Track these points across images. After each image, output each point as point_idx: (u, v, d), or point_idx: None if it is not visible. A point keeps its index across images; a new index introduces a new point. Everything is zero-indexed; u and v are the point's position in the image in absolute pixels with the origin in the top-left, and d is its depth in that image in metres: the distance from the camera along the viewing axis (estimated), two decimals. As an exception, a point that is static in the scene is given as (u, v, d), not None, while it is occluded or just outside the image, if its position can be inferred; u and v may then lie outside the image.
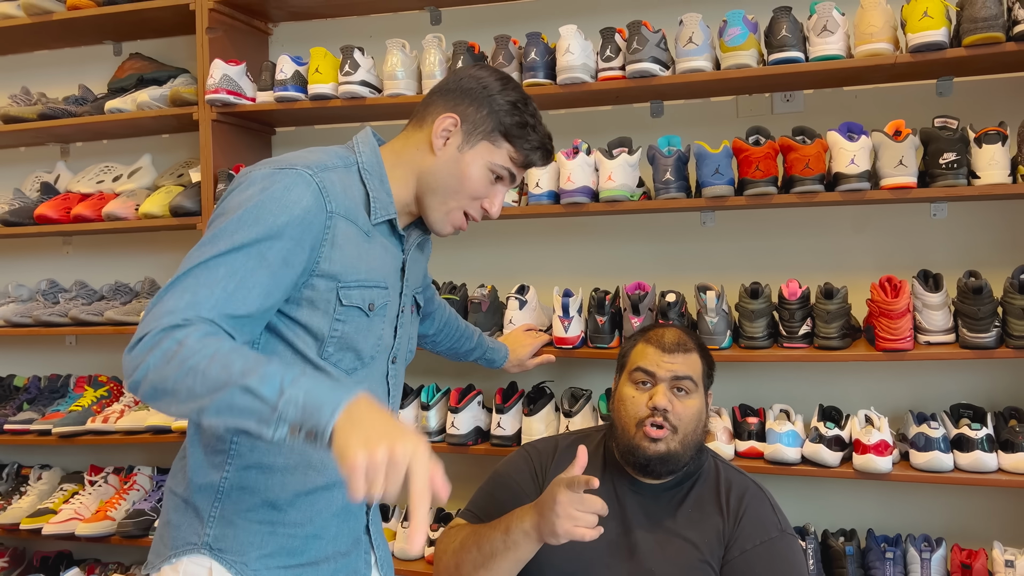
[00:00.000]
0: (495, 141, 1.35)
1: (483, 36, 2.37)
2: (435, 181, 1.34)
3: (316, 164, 1.24)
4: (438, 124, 1.33)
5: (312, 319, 1.24)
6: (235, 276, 1.12)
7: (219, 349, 1.03)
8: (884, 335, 1.95)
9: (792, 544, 1.58)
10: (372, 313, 1.30)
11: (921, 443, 1.95)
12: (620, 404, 1.64)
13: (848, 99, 2.29)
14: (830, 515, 2.26)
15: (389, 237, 1.36)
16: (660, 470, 1.59)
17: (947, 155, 1.91)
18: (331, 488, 1.31)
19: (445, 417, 2.30)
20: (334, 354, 1.27)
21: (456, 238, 2.57)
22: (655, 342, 1.64)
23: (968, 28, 1.88)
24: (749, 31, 2.04)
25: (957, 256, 2.18)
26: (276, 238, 1.15)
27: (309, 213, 1.19)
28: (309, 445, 1.00)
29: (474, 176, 1.34)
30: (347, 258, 1.25)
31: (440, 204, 1.35)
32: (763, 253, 2.34)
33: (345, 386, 1.04)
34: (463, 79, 1.37)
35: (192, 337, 1.04)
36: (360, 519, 1.41)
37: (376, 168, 1.33)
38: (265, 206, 1.16)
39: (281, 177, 1.20)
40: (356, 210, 1.28)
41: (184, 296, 1.09)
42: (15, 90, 2.86)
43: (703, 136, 2.15)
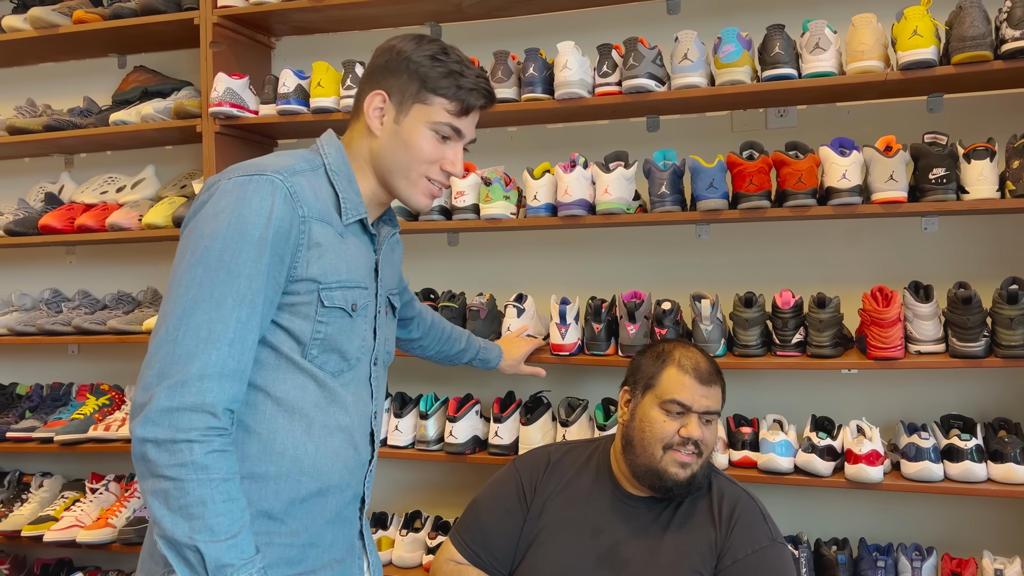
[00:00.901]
0: (425, 100, 1.32)
1: (482, 51, 2.41)
2: (386, 160, 1.34)
3: (285, 169, 1.24)
4: (367, 105, 1.33)
5: (294, 323, 1.25)
6: (238, 326, 1.16)
7: (211, 487, 1.12)
8: (876, 344, 1.98)
9: (783, 553, 1.60)
10: (355, 314, 1.31)
11: (912, 453, 1.98)
12: (647, 426, 1.63)
13: (840, 115, 2.33)
14: (823, 524, 2.29)
15: (361, 236, 1.36)
16: (682, 494, 1.62)
17: (937, 170, 1.95)
18: (324, 494, 1.30)
19: (443, 426, 2.33)
20: (318, 356, 1.27)
21: (455, 249, 2.62)
22: (692, 372, 1.63)
23: (957, 47, 1.92)
24: (743, 48, 2.08)
25: (947, 269, 2.22)
26: (259, 255, 1.17)
27: (283, 220, 1.20)
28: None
29: (418, 142, 1.32)
30: (326, 260, 1.26)
31: (402, 179, 1.35)
32: (757, 265, 2.38)
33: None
34: (378, 56, 1.36)
35: (201, 455, 1.12)
36: (354, 525, 1.41)
37: (343, 168, 1.34)
38: (243, 219, 1.17)
39: (253, 185, 1.20)
40: (328, 212, 1.28)
41: (198, 360, 1.13)
42: (21, 102, 2.90)
43: (698, 150, 2.19)
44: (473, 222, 2.31)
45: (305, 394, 1.26)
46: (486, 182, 2.28)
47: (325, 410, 1.28)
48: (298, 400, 1.26)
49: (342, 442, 1.31)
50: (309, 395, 1.27)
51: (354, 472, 1.35)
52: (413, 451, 2.35)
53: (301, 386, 1.26)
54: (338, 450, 1.31)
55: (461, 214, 2.30)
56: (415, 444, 2.35)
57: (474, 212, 2.30)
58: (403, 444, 2.35)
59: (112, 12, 2.63)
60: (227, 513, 1.12)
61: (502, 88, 2.26)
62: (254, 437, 1.24)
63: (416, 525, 2.43)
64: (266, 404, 1.24)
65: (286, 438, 1.25)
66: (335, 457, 1.30)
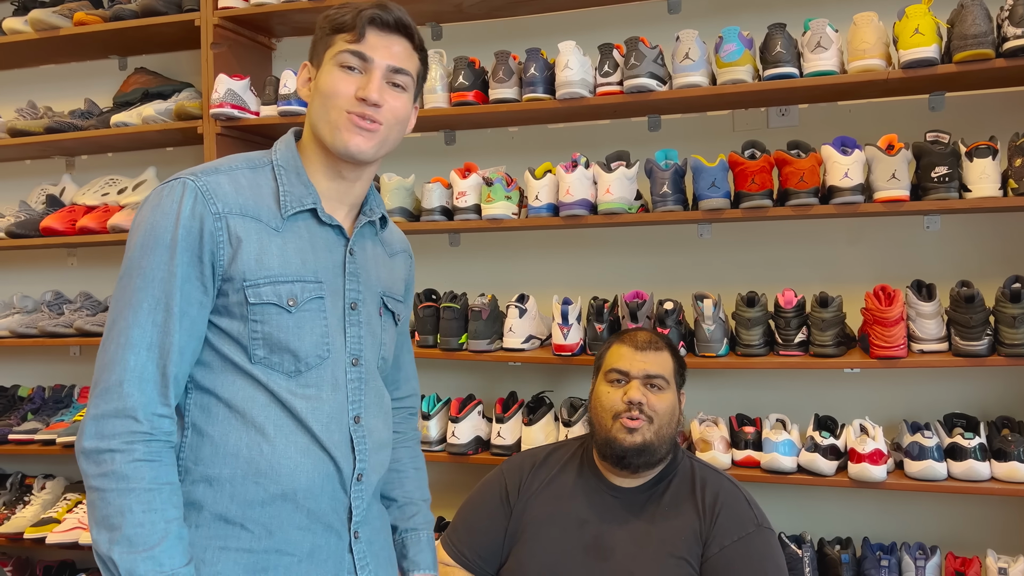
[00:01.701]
0: (329, 43, 1.27)
1: (483, 52, 2.41)
2: (313, 115, 1.28)
3: (203, 169, 1.24)
4: (299, 79, 1.33)
5: (232, 325, 1.21)
6: (155, 330, 1.15)
7: (131, 497, 1.12)
8: (878, 343, 1.98)
9: (769, 538, 1.63)
10: (296, 308, 1.23)
11: (915, 452, 1.98)
12: (596, 401, 1.72)
13: (842, 113, 2.33)
14: (826, 523, 2.29)
15: (316, 229, 1.29)
16: (637, 462, 1.64)
17: (939, 169, 1.95)
18: (290, 498, 1.22)
19: (446, 427, 2.33)
20: (266, 357, 1.21)
21: (456, 249, 2.62)
22: (628, 342, 1.73)
23: (958, 45, 1.92)
24: (744, 47, 2.08)
25: (950, 267, 2.22)
26: (171, 257, 1.17)
27: (192, 220, 1.18)
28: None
29: (327, 80, 1.26)
30: (249, 256, 1.21)
31: (324, 124, 1.26)
32: (759, 264, 2.38)
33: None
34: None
35: (121, 464, 1.12)
36: (341, 536, 1.28)
37: (291, 162, 1.29)
38: (154, 224, 1.18)
39: (166, 191, 1.20)
40: (256, 206, 1.23)
41: (118, 366, 1.14)
42: (22, 104, 2.90)
43: (699, 150, 2.19)
44: (475, 222, 2.31)
45: (255, 397, 1.21)
46: (488, 182, 2.28)
47: (278, 414, 1.22)
48: (247, 403, 1.21)
49: (308, 445, 1.23)
50: (259, 399, 1.21)
51: (328, 479, 1.25)
52: (415, 452, 2.35)
53: (250, 388, 1.21)
54: (304, 451, 1.23)
55: (463, 214, 2.30)
56: (417, 445, 2.35)
57: (476, 212, 2.30)
58: (405, 445, 2.35)
59: (113, 14, 2.63)
60: (146, 524, 1.11)
61: (503, 88, 2.26)
62: (207, 440, 1.21)
63: (419, 526, 2.42)
64: (217, 407, 1.21)
65: (239, 439, 1.20)
66: (301, 458, 1.22)
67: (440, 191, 2.35)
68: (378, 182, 2.41)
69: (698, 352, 2.13)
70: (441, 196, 2.35)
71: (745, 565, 1.57)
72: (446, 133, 2.64)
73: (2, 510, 2.76)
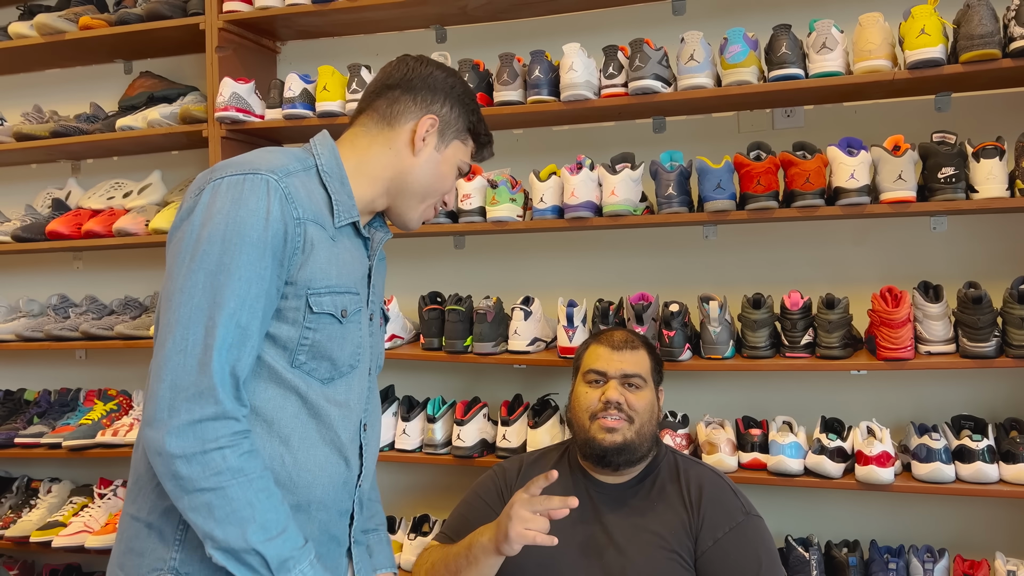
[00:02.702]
0: (464, 140, 1.38)
1: (488, 54, 2.41)
2: (415, 182, 1.34)
3: (280, 169, 1.21)
4: (421, 127, 1.32)
5: (280, 329, 1.20)
6: (239, 331, 1.13)
7: (253, 487, 1.13)
8: (885, 344, 1.97)
9: (759, 525, 1.64)
10: (345, 320, 1.26)
11: (923, 454, 1.97)
12: (575, 402, 1.74)
13: (848, 114, 2.32)
14: (833, 526, 2.28)
15: (353, 240, 1.33)
16: (618, 460, 1.66)
17: (946, 169, 1.94)
18: (305, 509, 1.24)
19: (451, 429, 2.33)
20: (307, 363, 1.23)
21: (461, 252, 2.62)
22: (605, 342, 1.75)
23: (965, 45, 1.91)
24: (749, 48, 2.08)
25: (957, 268, 2.21)
26: (260, 258, 1.15)
27: (280, 222, 1.17)
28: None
29: (448, 174, 1.37)
30: (318, 264, 1.22)
31: (417, 204, 1.36)
32: (765, 266, 2.37)
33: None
34: (428, 78, 1.35)
35: (235, 459, 1.12)
36: (342, 542, 1.34)
37: (336, 170, 1.30)
38: (240, 220, 1.14)
39: (248, 185, 1.16)
40: (321, 214, 1.25)
41: (210, 368, 1.11)
42: (28, 108, 2.91)
43: (705, 151, 2.18)
44: (479, 225, 2.31)
45: (285, 406, 1.21)
46: (492, 184, 2.27)
47: (306, 423, 1.23)
48: (276, 412, 1.21)
49: (328, 456, 1.26)
50: (289, 407, 1.22)
51: (341, 488, 1.29)
52: (421, 455, 2.35)
53: (281, 397, 1.21)
54: (323, 464, 1.25)
55: (467, 217, 2.30)
56: (423, 448, 2.35)
57: (480, 215, 2.30)
58: (411, 448, 2.35)
59: (118, 18, 2.64)
60: (273, 509, 1.13)
61: (508, 90, 2.26)
62: None
63: (424, 529, 2.42)
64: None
65: (261, 448, 1.19)
66: (319, 471, 1.25)
67: (445, 194, 2.34)
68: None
69: (704, 354, 2.12)
70: (446, 199, 2.35)
71: (740, 554, 1.59)
72: (451, 136, 2.63)
73: (8, 514, 2.76)
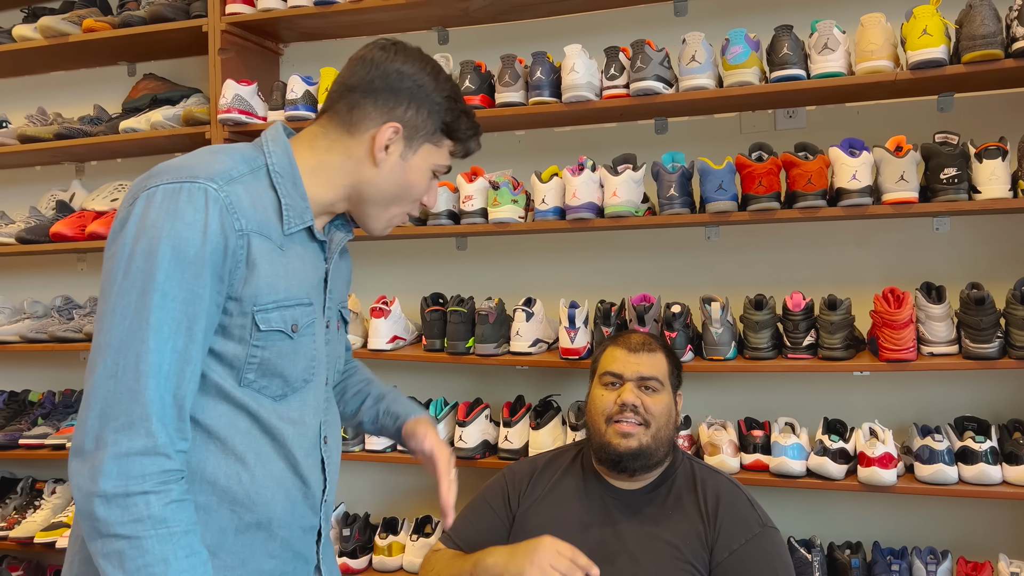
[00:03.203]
0: (437, 141, 1.25)
1: (489, 55, 2.41)
2: (377, 192, 1.23)
3: (220, 175, 1.10)
4: (380, 137, 1.20)
5: (226, 347, 1.12)
6: (174, 356, 1.05)
7: (173, 542, 1.02)
8: (888, 345, 1.97)
9: (775, 537, 1.62)
10: (297, 335, 1.17)
11: (926, 456, 1.96)
12: (591, 404, 1.71)
13: (850, 115, 2.32)
14: (836, 528, 2.27)
15: (307, 245, 1.22)
16: (633, 466, 1.63)
17: (948, 170, 1.94)
18: (265, 527, 1.17)
19: (453, 431, 2.33)
20: (256, 381, 1.15)
21: (463, 253, 2.62)
22: (622, 344, 1.73)
23: (967, 45, 1.91)
24: (751, 49, 2.08)
25: (960, 269, 2.20)
26: (197, 275, 1.05)
27: (219, 236, 1.07)
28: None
29: (419, 181, 1.25)
30: (263, 277, 1.12)
31: (382, 212, 1.26)
32: (767, 267, 2.37)
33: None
34: (391, 77, 1.21)
35: (159, 507, 1.02)
36: (309, 559, 1.26)
37: (288, 170, 1.19)
38: (176, 235, 1.05)
39: (184, 195, 1.06)
40: (268, 222, 1.14)
41: (142, 397, 1.02)
42: (32, 110, 2.92)
43: (707, 152, 2.18)
44: (481, 226, 2.31)
45: (237, 423, 1.14)
46: (494, 186, 2.28)
47: (259, 440, 1.16)
48: (228, 430, 1.13)
49: (283, 472, 1.18)
50: (241, 425, 1.14)
51: (303, 504, 1.22)
52: (423, 456, 2.35)
53: (232, 414, 1.14)
54: (280, 480, 1.18)
55: (469, 218, 2.30)
56: (425, 449, 2.35)
57: (482, 216, 2.30)
58: (413, 449, 2.35)
59: (121, 20, 2.64)
60: (189, 570, 1.03)
61: (509, 92, 2.26)
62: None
63: (427, 530, 2.43)
64: (195, 433, 1.12)
65: (217, 467, 1.13)
66: (277, 487, 1.17)
67: (447, 195, 2.35)
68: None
69: (706, 355, 2.12)
70: (448, 200, 2.35)
71: (756, 567, 1.57)
72: (453, 137, 2.63)
73: (13, 515, 2.77)
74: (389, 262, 2.73)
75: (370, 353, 2.39)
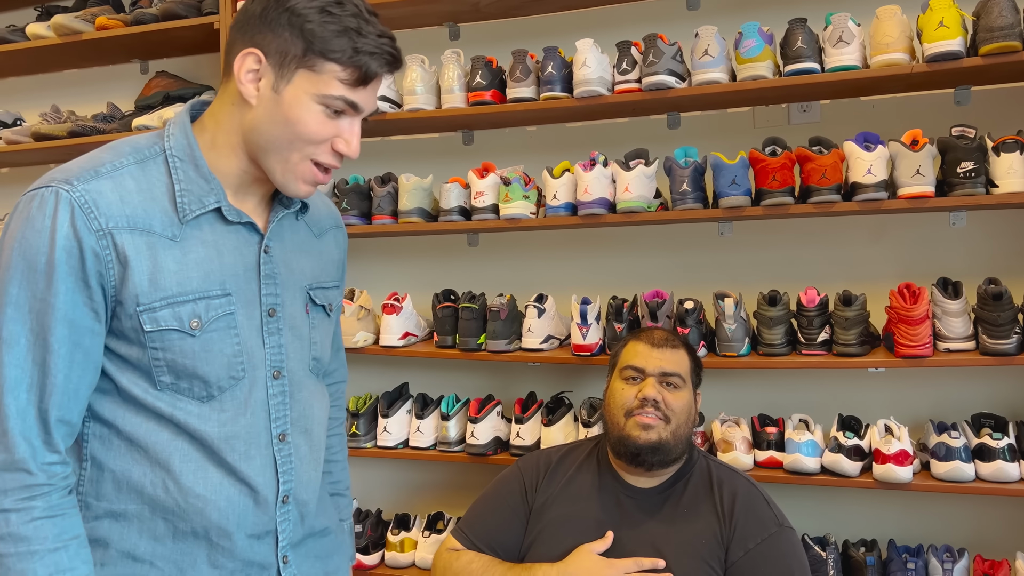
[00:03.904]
0: (313, 65, 1.05)
1: (501, 51, 2.40)
2: (261, 137, 1.08)
3: (80, 173, 1.04)
4: (238, 66, 1.06)
5: (129, 351, 1.07)
6: (35, 369, 1.01)
7: (35, 560, 1.00)
8: (903, 342, 1.95)
9: (791, 537, 1.62)
10: (200, 331, 1.08)
11: (942, 453, 1.94)
12: (610, 398, 1.70)
13: (865, 109, 2.30)
14: (850, 525, 2.25)
15: (222, 229, 1.12)
16: (651, 460, 1.62)
17: (965, 164, 1.92)
18: (203, 535, 1.11)
19: (465, 427, 2.33)
20: (173, 383, 1.09)
21: (475, 250, 2.61)
22: (644, 339, 1.72)
23: (984, 37, 1.88)
24: (764, 43, 2.06)
25: (977, 264, 2.17)
26: (48, 285, 1.01)
27: (70, 239, 1.01)
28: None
29: (304, 117, 1.06)
30: (141, 275, 1.05)
31: (279, 162, 1.09)
32: (781, 262, 2.35)
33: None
34: (253, 2, 1.08)
35: (18, 525, 1.00)
36: (265, 566, 1.18)
37: (186, 150, 1.10)
38: (25, 244, 1.01)
39: (36, 202, 1.02)
40: (149, 214, 1.06)
41: (3, 407, 1.00)
42: (46, 108, 2.93)
43: (720, 147, 2.16)
44: (493, 222, 2.30)
45: (157, 432, 1.09)
46: (505, 182, 2.27)
47: (186, 448, 1.10)
48: (150, 437, 1.09)
49: (221, 479, 1.11)
50: (163, 434, 1.09)
51: (250, 510, 1.14)
52: (435, 452, 2.35)
53: (153, 422, 1.09)
54: (216, 487, 1.11)
55: (480, 214, 2.29)
56: (437, 445, 2.35)
57: (494, 212, 2.29)
58: (425, 445, 2.35)
59: (134, 18, 2.65)
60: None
61: (521, 87, 2.25)
62: (107, 474, 1.10)
63: (439, 526, 2.43)
64: (117, 440, 1.09)
65: (143, 476, 1.09)
66: (212, 495, 1.11)
67: (458, 191, 2.34)
68: (396, 183, 2.41)
69: (719, 352, 2.11)
70: (459, 196, 2.34)
71: (771, 567, 1.56)
72: (464, 133, 2.63)
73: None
74: (400, 259, 2.72)
75: (382, 349, 2.39)
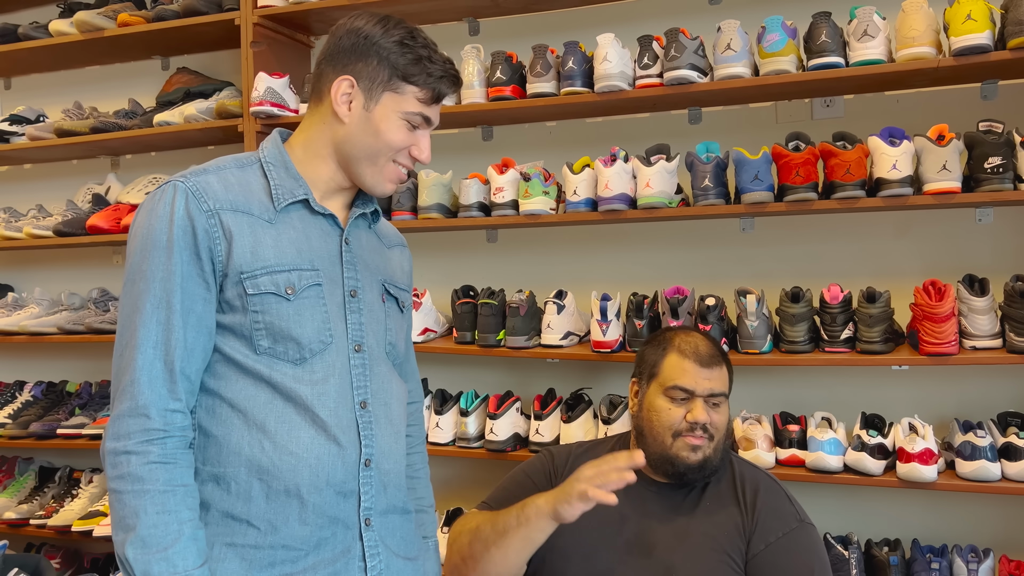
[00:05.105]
0: (397, 88, 1.30)
1: (521, 46, 2.39)
2: (353, 148, 1.31)
3: (192, 171, 1.28)
4: (335, 90, 1.30)
5: (233, 319, 1.25)
6: (159, 328, 1.20)
7: (145, 499, 1.16)
8: (928, 339, 1.92)
9: (812, 533, 1.61)
10: (294, 296, 1.26)
11: (967, 452, 1.92)
12: (654, 415, 1.64)
13: (890, 104, 2.27)
14: (874, 525, 2.23)
15: (309, 219, 1.32)
16: (696, 477, 1.62)
17: (992, 159, 1.89)
18: (295, 492, 1.24)
19: (484, 423, 2.32)
20: (271, 347, 1.25)
21: (494, 245, 2.61)
22: (691, 356, 1.63)
23: (1013, 31, 1.85)
24: (788, 37, 2.04)
25: (1004, 261, 2.14)
26: (168, 257, 1.20)
27: (185, 219, 1.21)
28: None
29: (390, 130, 1.30)
30: (245, 247, 1.24)
31: (368, 167, 1.32)
32: (804, 258, 2.33)
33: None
34: (342, 38, 1.32)
35: (136, 466, 1.16)
36: (349, 525, 1.29)
37: (279, 158, 1.33)
38: (151, 228, 1.22)
39: (158, 195, 1.24)
40: (248, 201, 1.27)
41: (129, 367, 1.19)
42: (68, 105, 2.96)
43: (742, 142, 2.15)
44: (512, 218, 2.29)
45: (257, 395, 1.24)
46: (525, 178, 2.26)
47: (282, 408, 1.25)
48: (248, 401, 1.24)
49: (313, 437, 1.25)
50: (262, 395, 1.24)
51: (337, 468, 1.26)
52: (454, 448, 2.35)
53: (252, 387, 1.25)
54: (308, 445, 1.25)
55: (500, 210, 2.29)
56: (456, 441, 2.35)
57: (513, 208, 2.29)
58: (444, 441, 2.35)
59: (155, 15, 2.67)
60: (160, 525, 1.15)
61: (541, 82, 2.24)
62: (212, 440, 1.25)
63: (458, 523, 2.43)
64: (221, 407, 1.25)
65: (241, 438, 1.23)
66: (304, 452, 1.24)
67: (478, 187, 2.34)
68: (416, 178, 2.41)
69: (741, 349, 2.09)
70: (479, 192, 2.34)
71: (792, 561, 1.55)
72: (483, 129, 2.63)
73: (51, 503, 2.82)
74: (420, 254, 2.70)
75: (401, 345, 2.39)
